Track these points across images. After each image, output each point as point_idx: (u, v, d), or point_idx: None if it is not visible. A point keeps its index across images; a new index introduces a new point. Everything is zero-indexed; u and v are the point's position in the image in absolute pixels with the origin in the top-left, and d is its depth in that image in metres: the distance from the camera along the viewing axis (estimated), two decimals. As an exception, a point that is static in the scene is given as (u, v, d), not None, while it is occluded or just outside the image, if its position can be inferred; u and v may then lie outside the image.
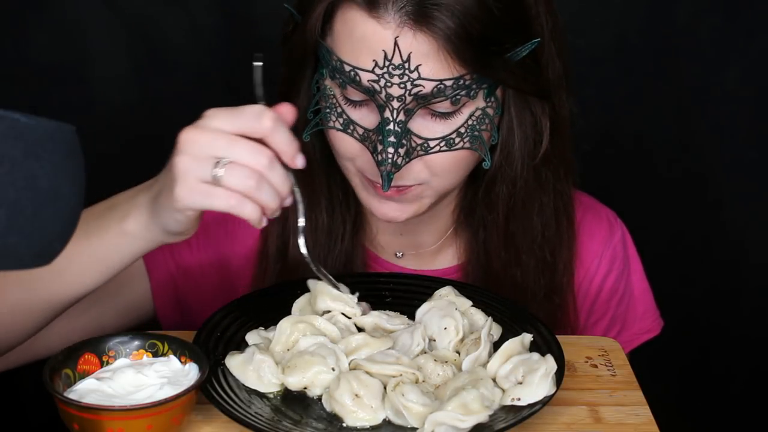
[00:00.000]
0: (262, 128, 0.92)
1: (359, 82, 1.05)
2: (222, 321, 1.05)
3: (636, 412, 0.96)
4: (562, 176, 1.20)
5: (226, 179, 0.90)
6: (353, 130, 1.09)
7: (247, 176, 0.91)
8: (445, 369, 0.97)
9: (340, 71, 1.06)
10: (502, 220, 1.19)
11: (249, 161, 0.91)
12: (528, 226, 1.19)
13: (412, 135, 1.07)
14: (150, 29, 1.80)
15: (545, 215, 1.20)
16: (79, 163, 0.72)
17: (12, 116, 0.66)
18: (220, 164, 0.90)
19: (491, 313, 1.06)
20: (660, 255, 1.93)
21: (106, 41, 1.79)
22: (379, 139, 1.06)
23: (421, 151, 1.07)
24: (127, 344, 0.96)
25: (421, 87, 1.04)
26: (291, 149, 0.93)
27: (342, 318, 1.05)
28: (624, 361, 1.05)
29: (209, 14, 1.80)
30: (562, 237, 1.22)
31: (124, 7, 1.79)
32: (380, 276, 1.19)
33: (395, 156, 1.05)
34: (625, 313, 1.31)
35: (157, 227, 0.97)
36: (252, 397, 0.95)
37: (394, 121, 1.05)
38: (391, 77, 1.03)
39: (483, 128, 1.09)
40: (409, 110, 1.05)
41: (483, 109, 1.08)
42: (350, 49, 1.05)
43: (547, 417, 0.94)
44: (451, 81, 1.04)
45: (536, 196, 1.19)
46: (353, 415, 0.92)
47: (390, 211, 1.13)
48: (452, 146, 1.08)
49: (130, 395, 0.89)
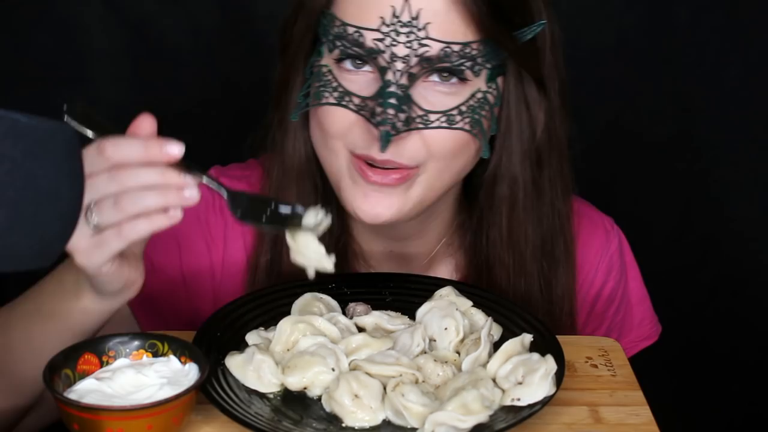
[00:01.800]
0: (105, 159, 0.87)
1: (362, 44, 1.03)
2: (222, 321, 1.05)
3: (636, 412, 0.96)
4: (560, 194, 1.18)
5: (101, 222, 0.88)
6: (349, 101, 1.06)
7: (116, 204, 0.87)
8: (445, 369, 0.97)
9: (342, 36, 1.05)
10: (505, 224, 1.17)
11: (106, 190, 0.87)
12: (527, 240, 1.17)
13: (414, 103, 1.05)
14: (150, 29, 1.80)
15: (544, 231, 1.18)
16: (79, 163, 0.72)
17: (12, 116, 0.66)
18: (90, 213, 0.88)
19: (491, 313, 1.06)
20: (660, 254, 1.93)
21: (106, 41, 1.79)
22: (378, 102, 1.03)
23: (421, 123, 1.05)
24: (127, 344, 0.96)
25: (427, 47, 1.03)
26: (151, 149, 0.88)
27: (342, 318, 1.05)
28: (624, 361, 1.05)
29: (209, 14, 1.80)
30: (561, 252, 1.20)
31: (124, 7, 1.79)
32: (380, 276, 1.19)
33: (395, 119, 1.02)
34: (622, 321, 1.30)
35: (102, 296, 0.97)
36: (252, 397, 0.95)
37: (396, 84, 1.03)
38: (398, 35, 1.02)
39: (483, 114, 1.08)
40: (413, 75, 1.04)
41: (484, 92, 1.08)
42: (356, 10, 1.04)
43: (547, 417, 0.94)
44: (458, 46, 1.03)
45: (534, 212, 1.17)
46: (352, 415, 0.92)
47: (374, 206, 1.08)
48: (452, 124, 1.06)
49: (130, 395, 0.89)
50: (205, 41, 1.81)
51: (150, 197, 0.88)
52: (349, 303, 1.10)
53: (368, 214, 1.09)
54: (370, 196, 1.08)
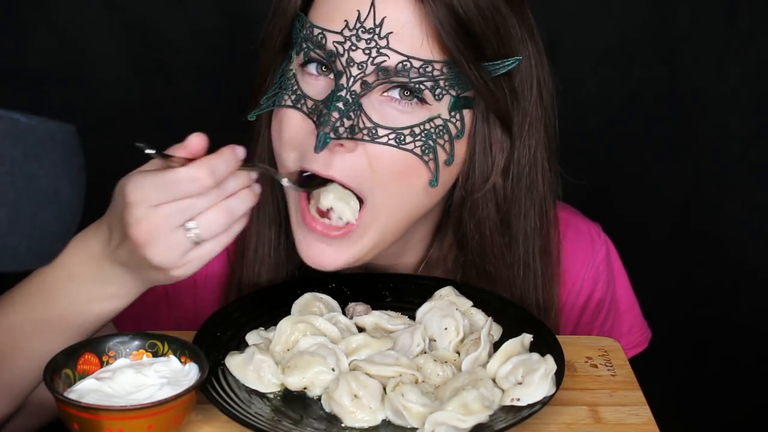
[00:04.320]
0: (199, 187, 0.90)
1: (324, 46, 1.01)
2: (222, 321, 1.05)
3: (636, 412, 0.96)
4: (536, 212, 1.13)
5: (205, 233, 0.91)
6: (303, 104, 1.03)
7: (217, 215, 0.91)
8: (445, 369, 0.97)
9: (307, 38, 1.03)
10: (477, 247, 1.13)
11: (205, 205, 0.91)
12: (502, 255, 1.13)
13: (362, 113, 1.01)
14: (150, 29, 1.80)
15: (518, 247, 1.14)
16: (79, 163, 0.73)
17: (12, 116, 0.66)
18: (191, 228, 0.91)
19: (491, 313, 1.06)
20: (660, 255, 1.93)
21: (105, 42, 1.80)
22: (326, 105, 1.00)
23: (367, 136, 1.01)
24: (127, 344, 0.96)
25: (385, 57, 1.00)
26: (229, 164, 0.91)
27: (342, 318, 1.05)
28: (624, 361, 1.05)
29: (209, 14, 1.81)
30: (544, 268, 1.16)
31: (123, 7, 1.79)
32: (380, 276, 1.19)
33: (338, 123, 0.99)
34: (610, 329, 1.28)
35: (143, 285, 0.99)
36: (252, 397, 0.95)
37: (347, 89, 1.00)
38: (358, 41, 0.99)
39: (439, 142, 1.03)
40: (367, 84, 1.00)
41: (445, 121, 1.03)
42: (326, 12, 1.02)
43: (547, 417, 0.94)
44: (419, 62, 1.00)
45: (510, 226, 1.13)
46: (352, 415, 0.92)
47: (318, 254, 1.05)
48: (401, 143, 1.01)
49: (130, 395, 0.89)
50: (205, 41, 1.81)
51: (245, 201, 0.93)
52: (349, 303, 1.10)
53: (313, 261, 1.06)
54: (314, 246, 1.06)
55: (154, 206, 0.89)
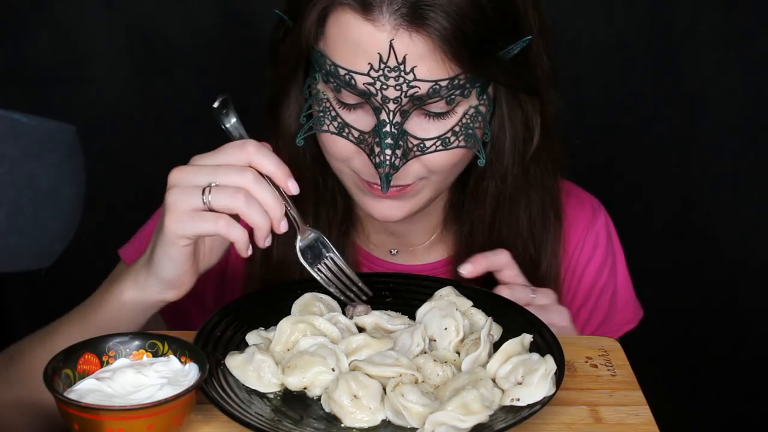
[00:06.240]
0: (246, 154, 0.98)
1: (354, 86, 1.05)
2: (222, 321, 1.05)
3: (636, 412, 0.96)
4: (550, 171, 1.22)
5: (213, 200, 0.96)
6: (348, 132, 1.09)
7: (233, 194, 0.96)
8: (445, 369, 0.97)
9: (334, 75, 1.06)
10: (489, 216, 1.21)
11: (234, 181, 0.97)
12: (514, 221, 1.21)
13: (409, 136, 1.08)
14: (150, 29, 1.81)
15: (532, 211, 1.22)
16: (79, 163, 0.73)
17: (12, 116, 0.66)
18: (208, 190, 0.96)
19: (491, 313, 1.06)
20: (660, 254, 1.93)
21: (106, 42, 1.80)
22: (376, 141, 1.07)
23: (418, 151, 1.09)
24: (127, 344, 0.96)
25: (416, 88, 1.05)
26: (281, 171, 0.98)
27: (342, 318, 1.05)
28: (624, 361, 1.05)
29: (209, 14, 1.81)
30: (549, 232, 1.24)
31: (124, 7, 1.79)
32: (380, 276, 1.19)
33: (393, 158, 1.06)
34: (608, 304, 1.32)
35: (153, 281, 1.03)
36: (252, 397, 0.95)
37: (390, 123, 1.06)
38: (387, 80, 1.04)
39: (476, 126, 1.10)
40: (405, 111, 1.06)
41: (476, 107, 1.10)
42: (345, 53, 1.05)
43: (547, 417, 0.94)
44: (446, 81, 1.05)
45: (523, 192, 1.20)
46: (351, 416, 0.92)
47: (386, 209, 1.14)
48: (448, 145, 1.09)
49: (130, 395, 0.89)
50: (205, 41, 1.81)
51: (258, 212, 0.97)
52: (349, 303, 1.10)
53: (381, 214, 1.15)
54: (381, 202, 1.14)
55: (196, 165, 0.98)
